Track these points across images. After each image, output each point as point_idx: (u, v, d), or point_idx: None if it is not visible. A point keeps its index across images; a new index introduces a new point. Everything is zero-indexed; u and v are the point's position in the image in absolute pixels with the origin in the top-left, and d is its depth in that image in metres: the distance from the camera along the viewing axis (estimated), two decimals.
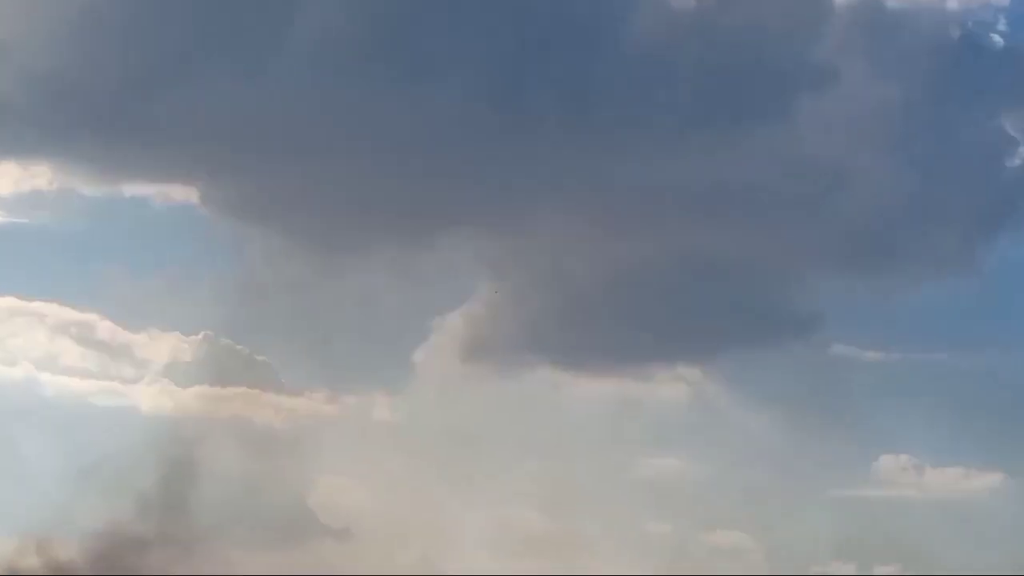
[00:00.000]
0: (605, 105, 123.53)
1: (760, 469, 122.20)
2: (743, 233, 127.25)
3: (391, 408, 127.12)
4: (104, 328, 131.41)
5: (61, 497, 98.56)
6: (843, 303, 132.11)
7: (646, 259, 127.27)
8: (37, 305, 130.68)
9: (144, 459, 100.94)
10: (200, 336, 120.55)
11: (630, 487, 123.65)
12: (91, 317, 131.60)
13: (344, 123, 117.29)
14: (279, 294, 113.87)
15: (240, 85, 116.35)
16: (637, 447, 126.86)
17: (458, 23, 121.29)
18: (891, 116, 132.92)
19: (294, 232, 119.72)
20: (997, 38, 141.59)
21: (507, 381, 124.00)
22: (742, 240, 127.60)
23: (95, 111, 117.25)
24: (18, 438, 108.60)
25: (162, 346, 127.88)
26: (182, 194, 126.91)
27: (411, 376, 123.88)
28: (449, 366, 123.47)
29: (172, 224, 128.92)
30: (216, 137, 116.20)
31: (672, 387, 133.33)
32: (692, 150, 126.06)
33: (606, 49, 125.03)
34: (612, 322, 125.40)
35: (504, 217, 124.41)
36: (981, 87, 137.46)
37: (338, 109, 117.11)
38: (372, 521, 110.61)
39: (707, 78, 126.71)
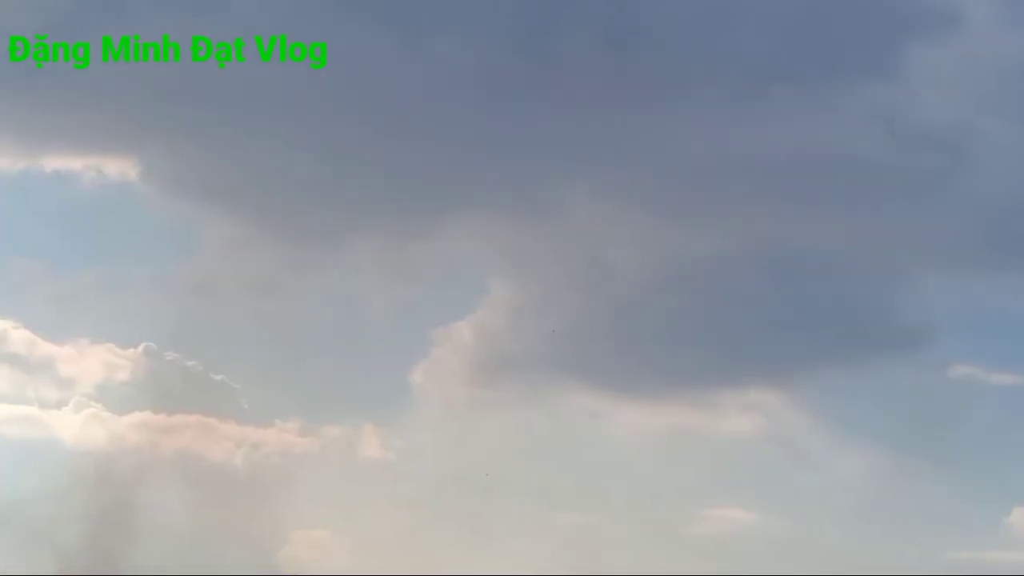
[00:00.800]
0: (656, 52, 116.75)
1: (856, 524, 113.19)
2: (836, 220, 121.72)
3: (382, 443, 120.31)
4: (19, 338, 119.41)
5: None
6: (965, 311, 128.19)
7: (710, 253, 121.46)
8: None
9: (68, 503, 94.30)
10: (140, 349, 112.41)
11: (689, 545, 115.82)
12: (2, 325, 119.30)
13: (322, 77, 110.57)
14: (240, 296, 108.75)
15: (191, 27, 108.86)
16: (698, 494, 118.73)
17: None
18: None
19: (258, 217, 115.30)
20: None
21: (531, 409, 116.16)
22: (835, 229, 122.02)
23: (6, 64, 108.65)
24: None
25: (92, 362, 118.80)
26: (118, 168, 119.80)
27: (407, 402, 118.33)
28: (455, 390, 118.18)
29: (106, 207, 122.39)
30: (160, 96, 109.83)
31: (743, 418, 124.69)
32: (771, 113, 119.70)
33: None
34: (666, 334, 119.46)
35: (525, 198, 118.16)
36: None
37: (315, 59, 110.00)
38: None
39: (792, 20, 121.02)
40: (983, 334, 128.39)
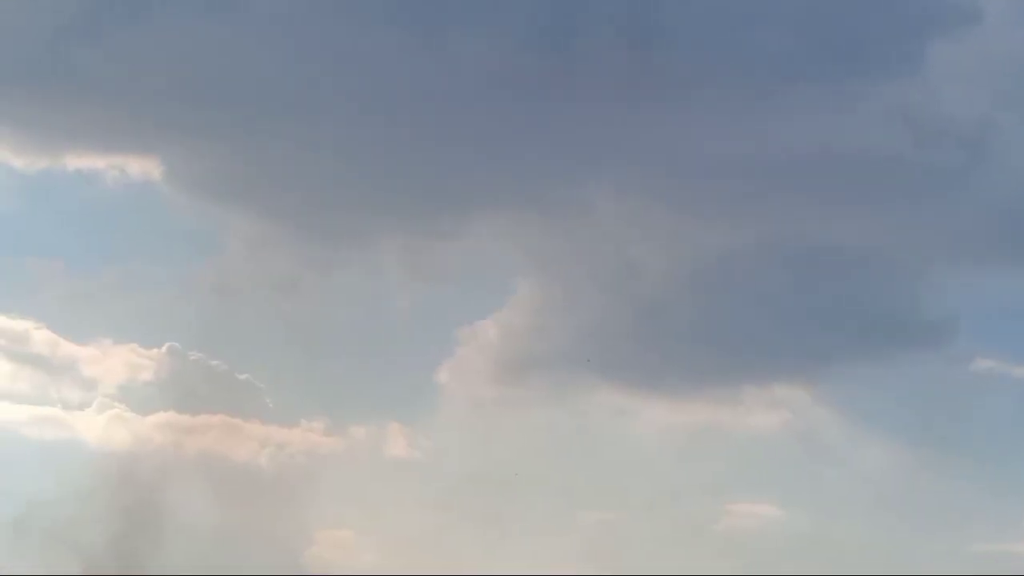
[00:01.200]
0: (678, 50, 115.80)
1: (881, 518, 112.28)
2: (858, 216, 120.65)
3: (408, 442, 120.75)
4: (42, 339, 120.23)
5: None
6: (987, 305, 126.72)
7: (733, 250, 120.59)
8: None
9: (92, 504, 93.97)
10: (164, 349, 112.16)
11: (714, 542, 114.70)
12: (25, 325, 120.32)
13: (344, 75, 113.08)
14: (264, 296, 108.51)
15: (212, 25, 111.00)
16: (723, 490, 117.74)
17: None
18: None
19: (282, 216, 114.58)
20: None
21: (556, 407, 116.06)
22: (857, 225, 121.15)
23: (27, 61, 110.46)
24: None
25: (115, 362, 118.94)
26: (141, 168, 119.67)
27: (432, 402, 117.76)
28: (481, 388, 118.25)
29: (128, 206, 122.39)
30: (182, 94, 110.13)
31: (768, 414, 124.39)
32: (793, 110, 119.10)
33: None
34: (691, 331, 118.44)
35: (549, 196, 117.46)
36: None
37: (337, 57, 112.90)
38: None
39: (813, 17, 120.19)
40: (1006, 328, 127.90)
